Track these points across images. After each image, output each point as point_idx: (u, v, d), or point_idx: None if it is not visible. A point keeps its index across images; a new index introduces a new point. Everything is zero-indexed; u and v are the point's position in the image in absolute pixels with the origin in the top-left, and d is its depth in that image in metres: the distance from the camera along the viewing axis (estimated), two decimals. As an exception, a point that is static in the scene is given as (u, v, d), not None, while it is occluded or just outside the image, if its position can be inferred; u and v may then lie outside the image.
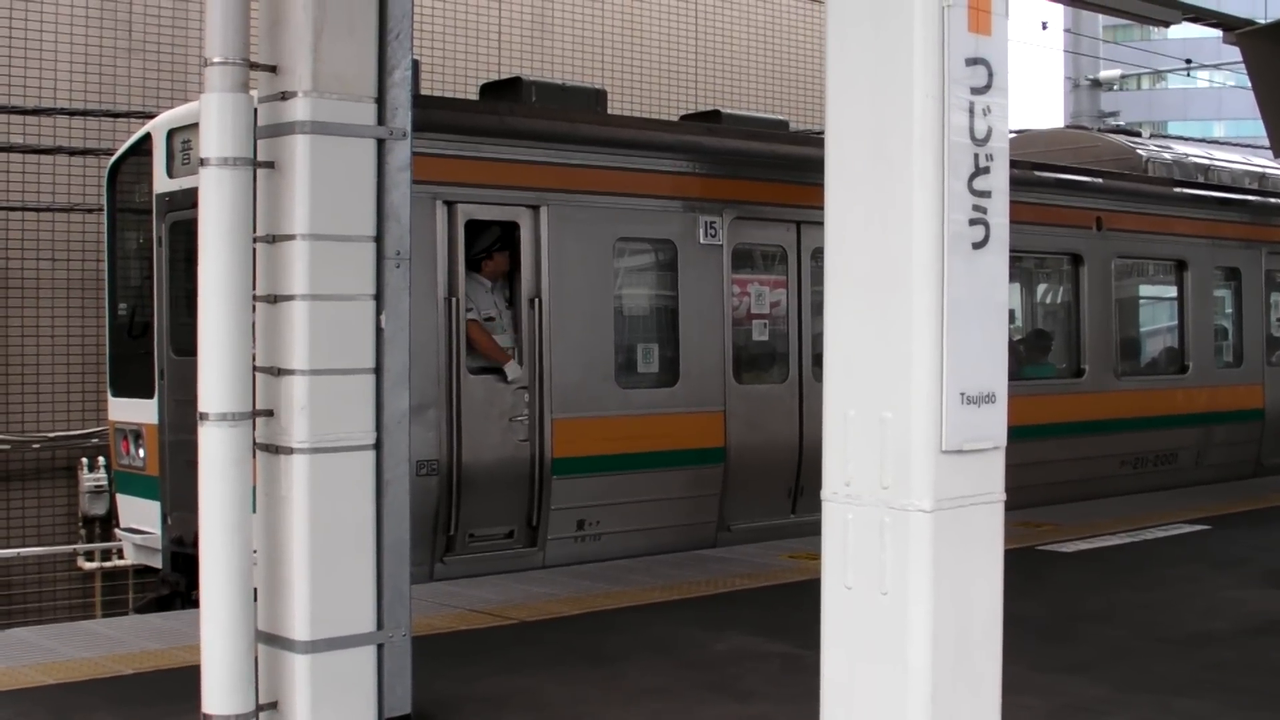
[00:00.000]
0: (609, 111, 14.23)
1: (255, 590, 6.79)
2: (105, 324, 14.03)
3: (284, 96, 6.90)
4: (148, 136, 12.68)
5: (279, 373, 6.85)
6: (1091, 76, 29.73)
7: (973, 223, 5.02)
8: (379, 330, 7.09)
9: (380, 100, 7.15)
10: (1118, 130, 24.67)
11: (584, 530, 12.23)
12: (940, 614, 4.99)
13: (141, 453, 12.81)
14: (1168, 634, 9.69)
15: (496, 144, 11.90)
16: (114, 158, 13.64)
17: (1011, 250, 14.95)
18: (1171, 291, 18.24)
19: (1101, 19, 29.72)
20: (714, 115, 14.76)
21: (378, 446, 7.09)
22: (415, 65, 12.98)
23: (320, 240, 6.86)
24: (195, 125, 9.66)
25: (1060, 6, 26.97)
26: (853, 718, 5.19)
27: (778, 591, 10.88)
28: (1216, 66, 33.79)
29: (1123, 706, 7.82)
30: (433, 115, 11.35)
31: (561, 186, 12.15)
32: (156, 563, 12.61)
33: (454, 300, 11.51)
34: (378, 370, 7.09)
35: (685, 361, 12.94)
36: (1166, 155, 19.27)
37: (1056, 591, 11.05)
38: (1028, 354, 17.04)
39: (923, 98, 4.93)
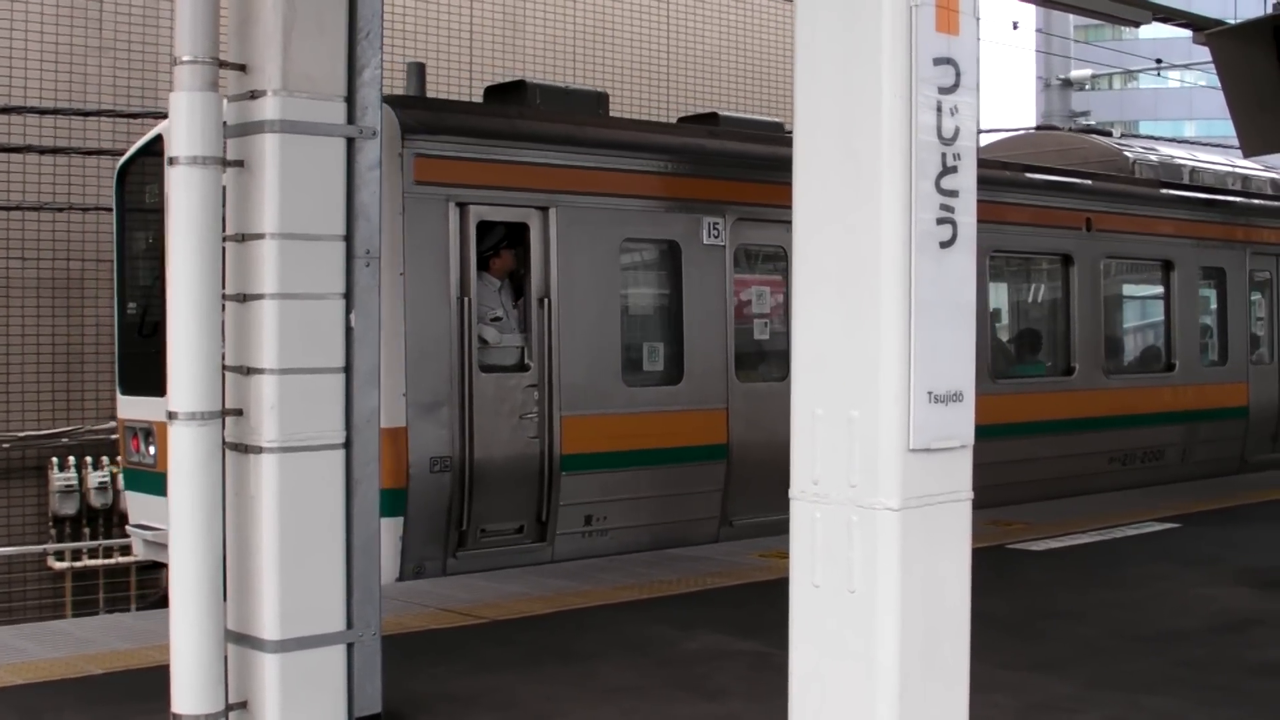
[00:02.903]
0: (609, 114, 14.37)
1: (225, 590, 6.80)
2: (97, 324, 14.05)
3: (253, 95, 6.89)
4: (159, 138, 12.68)
5: (248, 372, 6.85)
6: (1063, 76, 29.82)
7: (940, 222, 5.02)
8: (349, 329, 7.08)
9: (350, 99, 7.13)
10: (1089, 130, 24.88)
11: (591, 526, 12.37)
12: (908, 612, 5.00)
13: (152, 450, 12.88)
14: (1138, 632, 9.72)
15: (508, 147, 12.06)
16: (123, 159, 13.66)
17: (1004, 250, 15.16)
18: (1158, 291, 18.52)
19: (1073, 19, 29.81)
20: (711, 117, 14.92)
21: (347, 445, 7.08)
22: (421, 68, 13.23)
23: (290, 239, 6.85)
24: None
25: (1031, 6, 27.03)
26: (821, 716, 5.20)
27: (749, 590, 10.89)
28: (1187, 66, 33.89)
29: (1092, 704, 7.84)
30: (446, 118, 11.79)
31: (570, 188, 12.30)
32: (161, 558, 12.61)
33: (466, 300, 11.63)
34: (347, 369, 7.08)
35: (689, 360, 13.10)
36: (1153, 157, 19.54)
37: (1026, 590, 11.08)
38: (1019, 352, 17.38)
39: (890, 97, 4.94)
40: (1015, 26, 31.74)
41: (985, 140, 19.63)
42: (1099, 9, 16.46)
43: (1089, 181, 17.42)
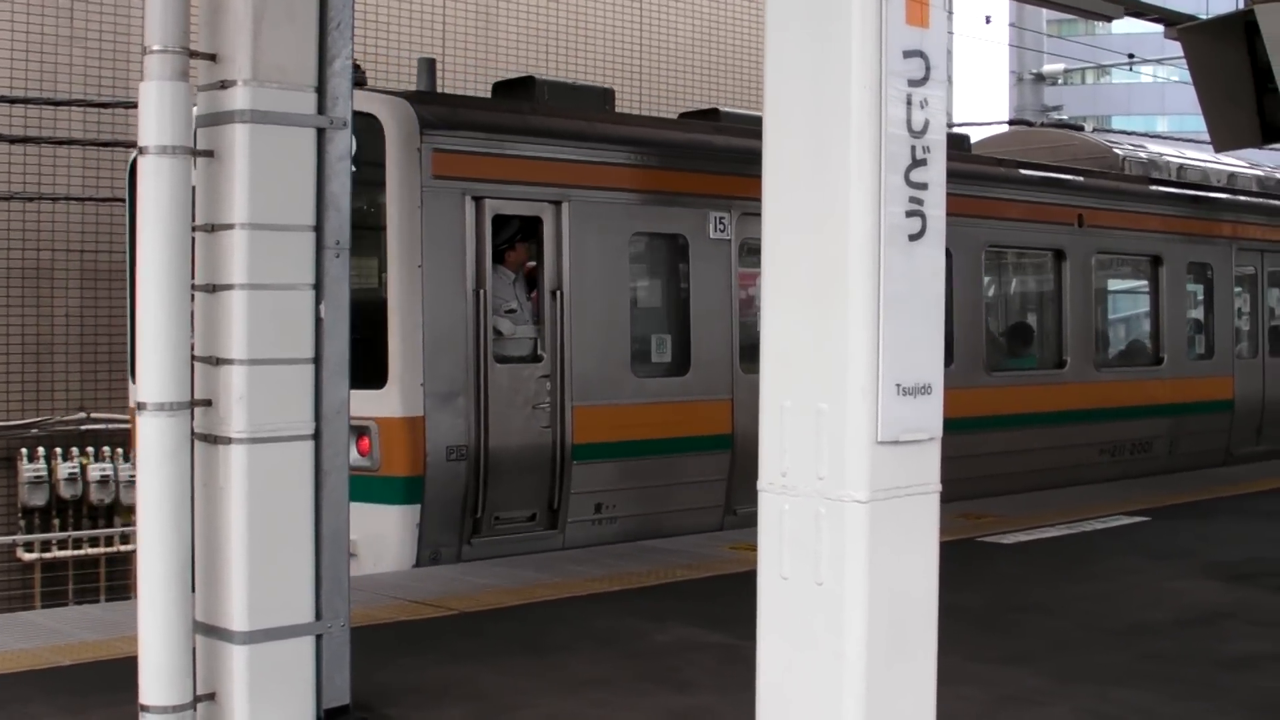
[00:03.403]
0: (615, 110, 14.57)
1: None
2: (67, 315, 14.24)
3: (223, 85, 6.86)
4: None
5: (217, 362, 6.82)
6: (1035, 71, 29.90)
7: (909, 215, 5.02)
8: (318, 320, 7.06)
9: (321, 89, 7.10)
10: (1061, 125, 25.16)
11: (601, 514, 12.60)
12: (875, 604, 5.00)
13: None
14: (1107, 625, 9.75)
15: (523, 142, 12.28)
16: (136, 152, 13.60)
17: (999, 245, 15.62)
18: (1147, 286, 18.96)
19: (1045, 13, 29.90)
20: (713, 113, 15.27)
21: (316, 436, 7.05)
22: (431, 63, 13.52)
23: (259, 230, 6.83)
24: None
25: (1005, 0, 27.15)
26: (788, 708, 5.20)
27: (719, 582, 10.90)
28: (1159, 61, 34.01)
29: (1061, 697, 7.86)
30: (463, 114, 12.13)
31: (582, 183, 12.53)
32: None
33: (481, 292, 11.83)
34: (317, 360, 7.06)
35: (696, 351, 13.31)
36: (1142, 154, 20.02)
37: (996, 583, 11.11)
38: (1013, 346, 17.80)
39: (860, 90, 4.93)
40: (988, 21, 31.77)
41: (975, 136, 19.85)
42: (1072, 3, 16.47)
43: (1081, 178, 17.84)
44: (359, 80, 12.02)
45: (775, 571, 5.20)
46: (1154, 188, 19.12)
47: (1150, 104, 70.82)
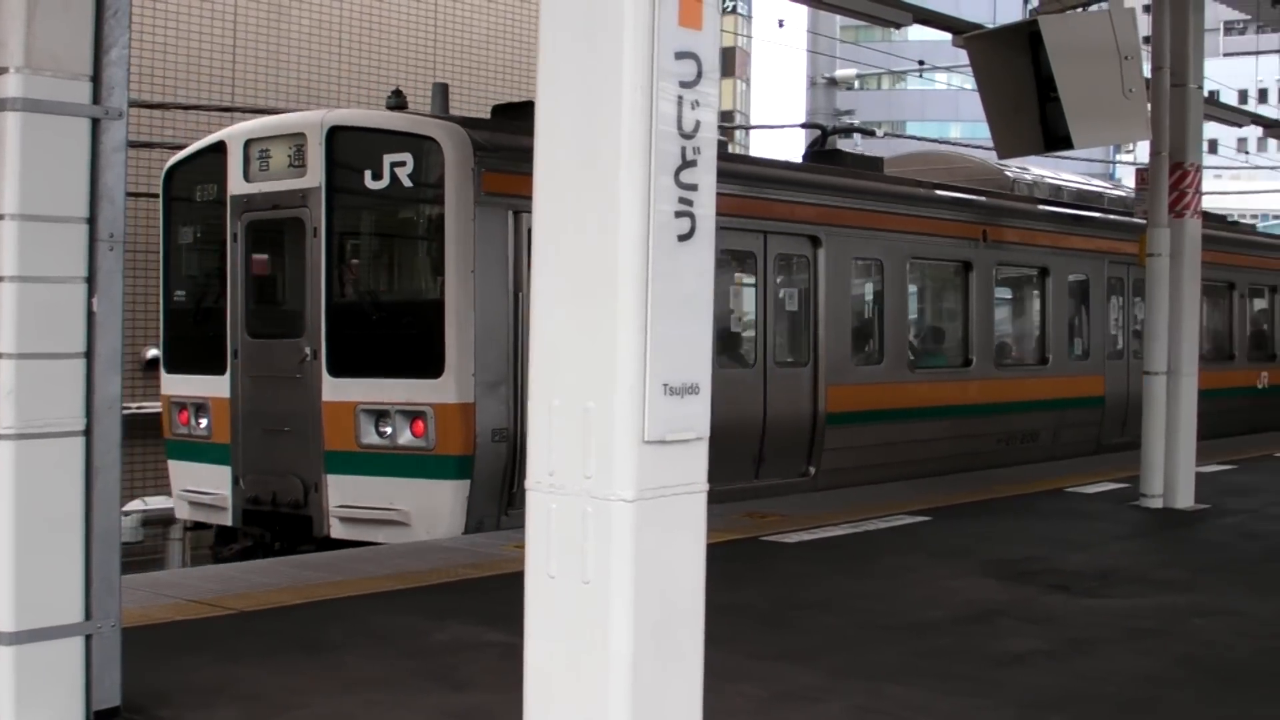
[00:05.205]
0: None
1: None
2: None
3: (-6, 72, 6.73)
4: (220, 144, 14.57)
5: (-16, 356, 6.69)
6: (829, 75, 30.29)
7: (679, 215, 5.05)
8: (90, 313, 6.95)
9: (96, 79, 6.98)
10: (853, 129, 26.11)
11: None
12: (642, 602, 5.03)
13: (204, 422, 14.74)
14: (885, 622, 9.88)
15: None
16: (173, 160, 15.33)
17: (920, 257, 17.40)
18: (1036, 294, 21.19)
19: (839, 19, 30.32)
20: None
21: (88, 432, 6.94)
22: (444, 88, 14.84)
23: (30, 220, 6.70)
24: (272, 137, 13.93)
25: (802, 7, 27.45)
26: (556, 706, 5.22)
27: (500, 581, 10.87)
28: (950, 69, 34.60)
29: (836, 693, 7.95)
30: (504, 138, 13.50)
31: None
32: (216, 520, 14.64)
33: (520, 294, 13.23)
34: (89, 354, 6.95)
35: None
36: (1027, 177, 22.36)
37: (777, 581, 11.21)
38: (929, 347, 19.78)
39: (631, 90, 4.94)
40: (781, 25, 32.12)
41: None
42: (860, 9, 16.77)
43: (984, 198, 19.99)
44: (400, 104, 13.81)
45: (543, 570, 5.22)
46: (1041, 207, 21.51)
47: (944, 110, 72.03)
